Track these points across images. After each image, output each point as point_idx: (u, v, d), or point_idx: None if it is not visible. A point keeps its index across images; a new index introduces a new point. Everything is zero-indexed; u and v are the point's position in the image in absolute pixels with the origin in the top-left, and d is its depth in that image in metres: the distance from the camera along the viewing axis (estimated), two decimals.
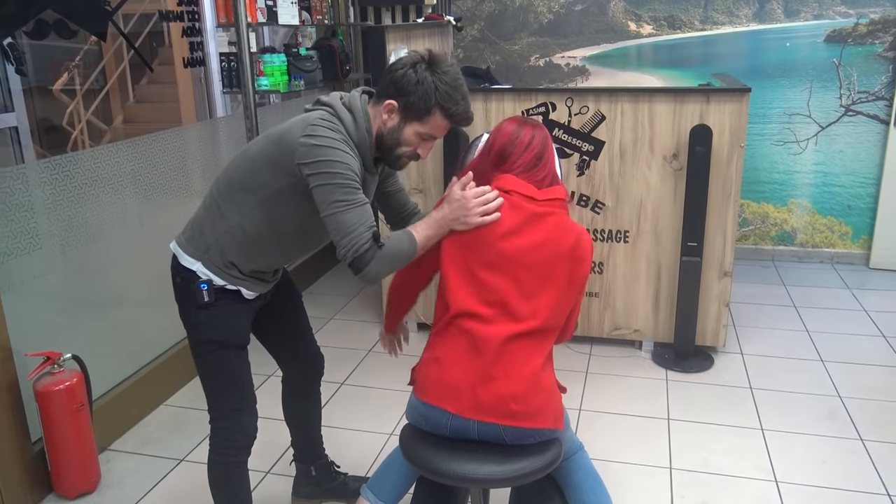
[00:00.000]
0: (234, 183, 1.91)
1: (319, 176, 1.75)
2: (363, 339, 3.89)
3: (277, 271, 2.10)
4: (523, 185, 1.84)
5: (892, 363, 3.50)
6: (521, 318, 1.78)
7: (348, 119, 1.84)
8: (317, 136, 1.77)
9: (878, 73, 4.62)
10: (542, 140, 1.89)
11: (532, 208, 1.82)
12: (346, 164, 1.76)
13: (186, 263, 1.93)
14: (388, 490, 2.09)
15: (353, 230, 1.74)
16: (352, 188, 1.76)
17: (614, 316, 3.66)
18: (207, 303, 1.92)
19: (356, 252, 1.74)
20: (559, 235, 1.82)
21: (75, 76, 5.22)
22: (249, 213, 1.88)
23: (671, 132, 3.34)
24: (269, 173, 1.84)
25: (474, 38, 5.24)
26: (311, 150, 1.76)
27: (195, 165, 3.57)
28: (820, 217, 4.92)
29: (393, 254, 1.79)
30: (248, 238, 1.91)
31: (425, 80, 1.80)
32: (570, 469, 2.07)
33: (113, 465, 2.80)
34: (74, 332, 2.82)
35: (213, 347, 1.97)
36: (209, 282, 1.92)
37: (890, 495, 2.53)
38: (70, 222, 2.79)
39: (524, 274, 1.79)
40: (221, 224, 1.91)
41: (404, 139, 1.87)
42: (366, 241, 1.74)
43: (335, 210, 1.74)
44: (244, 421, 2.04)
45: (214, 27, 3.76)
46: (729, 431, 2.95)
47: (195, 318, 1.96)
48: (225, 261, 1.92)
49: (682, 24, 4.93)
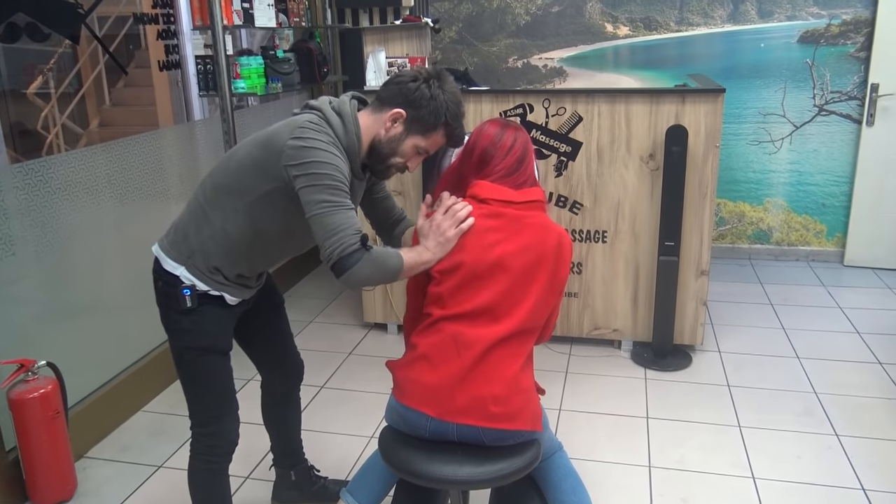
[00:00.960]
0: (219, 187, 1.89)
1: (307, 177, 1.72)
2: (343, 343, 3.88)
3: (261, 276, 2.09)
4: (499, 190, 1.84)
5: (867, 359, 3.55)
6: (503, 321, 1.78)
7: (337, 123, 1.82)
8: (305, 139, 1.74)
9: (851, 73, 4.69)
10: (523, 144, 1.90)
11: (512, 213, 1.83)
12: (334, 165, 1.74)
13: (169, 268, 1.91)
14: (367, 493, 2.09)
15: (340, 230, 1.70)
16: (340, 190, 1.73)
17: (593, 316, 3.68)
18: (190, 308, 1.89)
19: (342, 252, 1.69)
20: (542, 237, 1.83)
21: (50, 80, 5.15)
22: (235, 217, 1.86)
23: (648, 133, 3.37)
24: (256, 177, 1.82)
25: (452, 39, 5.25)
26: (298, 152, 1.73)
27: (172, 169, 3.54)
28: (795, 215, 4.99)
29: (381, 261, 1.75)
30: (233, 243, 1.89)
31: (438, 96, 1.80)
32: (550, 469, 2.08)
33: (90, 473, 2.77)
34: (49, 338, 2.79)
35: (195, 353, 1.94)
36: (192, 287, 1.89)
37: (865, 490, 2.57)
38: (44, 227, 2.75)
39: (510, 278, 1.79)
40: (206, 229, 1.89)
41: (401, 150, 1.86)
42: (353, 242, 1.70)
43: (322, 210, 1.71)
44: (226, 428, 2.03)
45: (190, 30, 3.73)
46: (707, 429, 2.98)
47: (177, 324, 1.93)
48: (209, 266, 1.90)
49: (657, 25, 4.97)
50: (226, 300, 1.95)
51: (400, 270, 1.78)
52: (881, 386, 3.28)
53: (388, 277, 1.80)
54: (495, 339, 1.76)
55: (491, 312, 1.78)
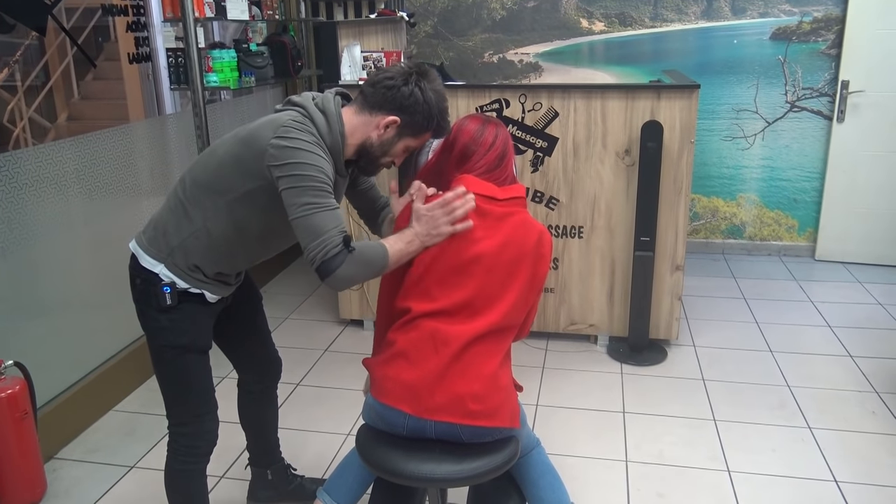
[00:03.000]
0: (200, 184, 1.85)
1: (290, 178, 1.68)
2: (319, 339, 3.85)
3: (240, 274, 2.06)
4: (484, 185, 1.83)
5: (838, 352, 3.60)
6: (481, 318, 1.77)
7: (321, 121, 1.78)
8: (288, 138, 1.71)
9: (822, 70, 4.74)
10: (504, 140, 1.89)
11: (494, 209, 1.81)
12: (318, 167, 1.70)
13: (148, 265, 1.87)
14: (344, 492, 2.07)
15: (323, 233, 1.67)
16: (324, 191, 1.70)
17: (570, 311, 3.69)
18: (170, 306, 1.86)
19: (326, 255, 1.66)
20: (522, 234, 1.82)
21: (16, 72, 5.03)
22: (216, 215, 1.83)
23: (623, 128, 3.38)
24: (238, 175, 1.78)
25: (427, 34, 5.22)
26: (282, 152, 1.69)
27: (143, 164, 3.48)
28: (767, 211, 5.04)
29: (365, 259, 1.72)
30: (213, 241, 1.85)
31: (429, 99, 1.79)
32: (528, 465, 2.08)
33: (60, 474, 2.72)
34: (16, 337, 2.73)
35: (174, 352, 1.91)
36: (172, 284, 1.85)
37: (837, 481, 2.60)
38: (10, 223, 2.69)
39: (489, 275, 1.78)
40: (187, 226, 1.85)
41: (393, 151, 1.86)
42: (336, 244, 1.67)
43: (305, 213, 1.68)
44: (206, 427, 2.00)
45: (161, 22, 3.67)
46: (682, 423, 3.00)
47: (156, 322, 1.89)
48: (189, 264, 1.86)
49: (632, 21, 4.99)
50: (206, 298, 1.91)
51: (386, 265, 1.76)
52: (852, 379, 3.33)
53: (375, 272, 1.78)
54: (473, 336, 1.75)
55: (469, 308, 1.77)
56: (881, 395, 3.19)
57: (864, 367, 3.44)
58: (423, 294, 1.79)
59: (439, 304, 1.77)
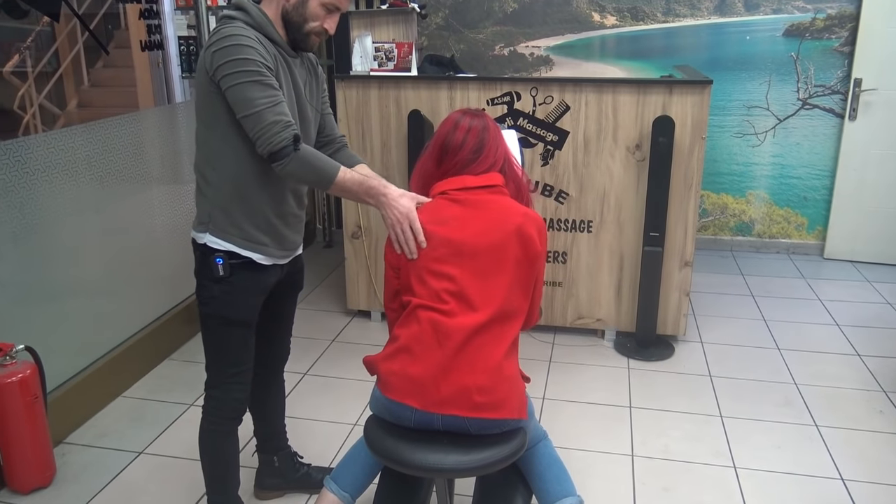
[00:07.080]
0: (198, 136, 1.95)
1: (232, 76, 1.76)
2: (326, 329, 3.86)
3: (293, 242, 2.11)
4: (457, 180, 1.87)
5: (846, 351, 3.59)
6: (479, 307, 1.77)
7: (239, 13, 1.87)
8: (219, 37, 1.80)
9: (835, 68, 4.71)
10: (477, 133, 1.89)
11: (469, 197, 1.85)
12: (250, 48, 1.79)
13: (198, 238, 1.98)
14: (351, 481, 2.08)
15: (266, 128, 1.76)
16: (262, 74, 1.78)
17: (577, 305, 3.69)
18: (222, 276, 1.94)
19: (273, 148, 1.77)
20: (502, 217, 1.83)
21: (27, 58, 5.05)
22: (219, 160, 1.90)
23: (634, 123, 3.37)
24: (208, 100, 1.86)
25: (439, 26, 5.21)
26: (216, 47, 1.79)
27: (153, 151, 3.48)
28: (777, 208, 5.02)
29: (311, 161, 1.82)
30: (233, 186, 1.92)
31: None
32: (535, 458, 2.08)
33: (69, 459, 2.74)
34: (27, 322, 2.74)
35: (220, 322, 2.00)
36: (224, 255, 1.94)
37: (843, 479, 2.60)
38: (22, 209, 2.70)
39: (476, 262, 1.79)
40: (207, 188, 1.94)
41: (310, 13, 1.90)
42: (281, 139, 1.77)
43: (251, 110, 1.76)
44: (232, 395, 2.09)
45: (173, 10, 3.67)
46: (689, 419, 3.00)
47: (209, 291, 1.98)
48: (227, 222, 1.94)
49: (644, 15, 4.97)
50: (257, 264, 1.98)
51: (332, 179, 1.86)
52: (859, 378, 3.32)
53: (320, 181, 1.87)
54: (475, 327, 1.76)
55: (465, 299, 1.77)
56: (888, 394, 3.18)
57: (872, 365, 3.43)
58: (418, 288, 1.81)
59: (436, 296, 1.78)
